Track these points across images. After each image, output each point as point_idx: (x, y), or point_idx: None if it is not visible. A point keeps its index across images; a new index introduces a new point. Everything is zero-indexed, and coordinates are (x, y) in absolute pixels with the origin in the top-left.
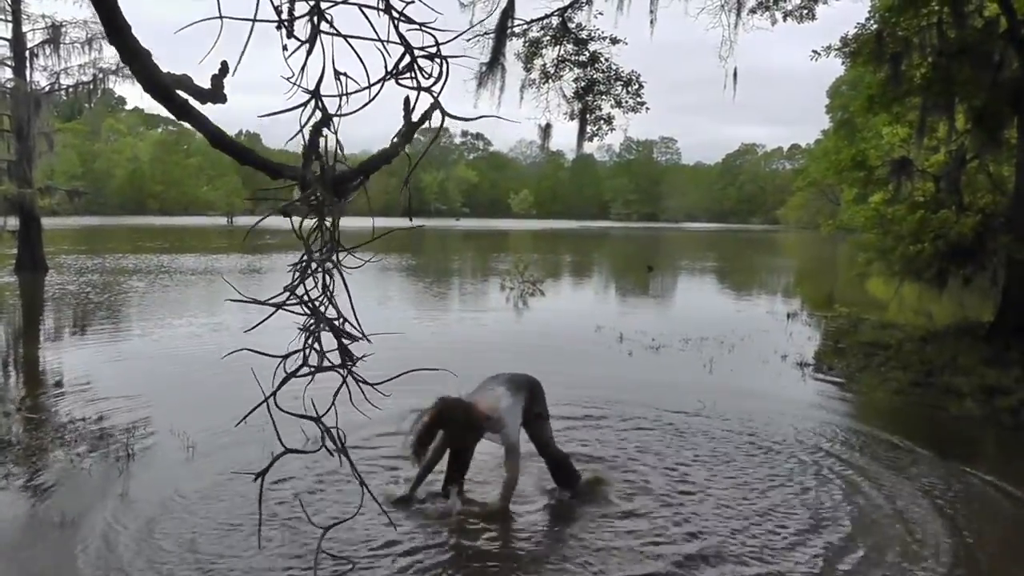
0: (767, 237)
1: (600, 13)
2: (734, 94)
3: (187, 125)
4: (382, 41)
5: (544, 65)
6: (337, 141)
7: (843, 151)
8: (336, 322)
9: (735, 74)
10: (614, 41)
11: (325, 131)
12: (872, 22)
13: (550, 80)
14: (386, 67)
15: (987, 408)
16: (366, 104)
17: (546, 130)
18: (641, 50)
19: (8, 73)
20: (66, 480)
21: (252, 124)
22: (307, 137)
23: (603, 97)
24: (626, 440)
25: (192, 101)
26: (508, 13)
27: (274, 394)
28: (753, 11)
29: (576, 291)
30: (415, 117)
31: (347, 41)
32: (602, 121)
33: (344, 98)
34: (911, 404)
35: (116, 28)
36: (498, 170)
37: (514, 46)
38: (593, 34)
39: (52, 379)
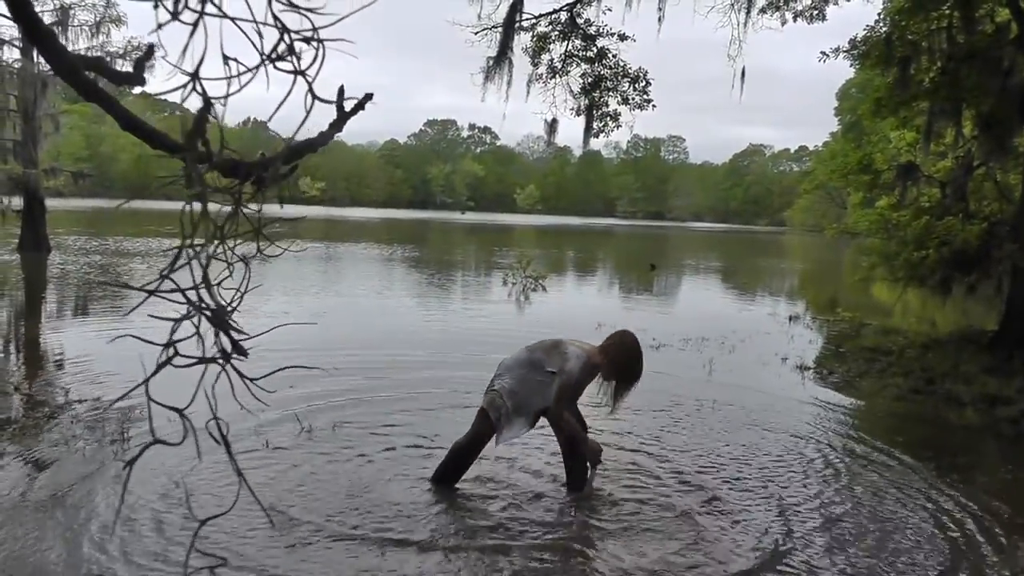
0: (772, 239)
1: (609, 9)
2: (741, 94)
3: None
4: (259, 23)
5: (552, 60)
6: (220, 128)
7: (850, 154)
8: (218, 312)
9: (743, 74)
10: (622, 38)
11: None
12: (882, 25)
13: (557, 75)
14: (261, 51)
15: (988, 417)
16: (243, 87)
17: (552, 125)
18: (649, 48)
19: (15, 54)
20: (60, 460)
21: (260, 112)
22: (193, 121)
23: (610, 93)
24: (625, 437)
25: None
26: (516, 7)
27: (147, 381)
28: (763, 11)
29: (578, 288)
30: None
31: (234, 23)
32: (608, 117)
33: (229, 81)
34: (910, 411)
35: (20, 7)
36: (504, 164)
37: (522, 40)
38: (601, 30)
39: (52, 359)
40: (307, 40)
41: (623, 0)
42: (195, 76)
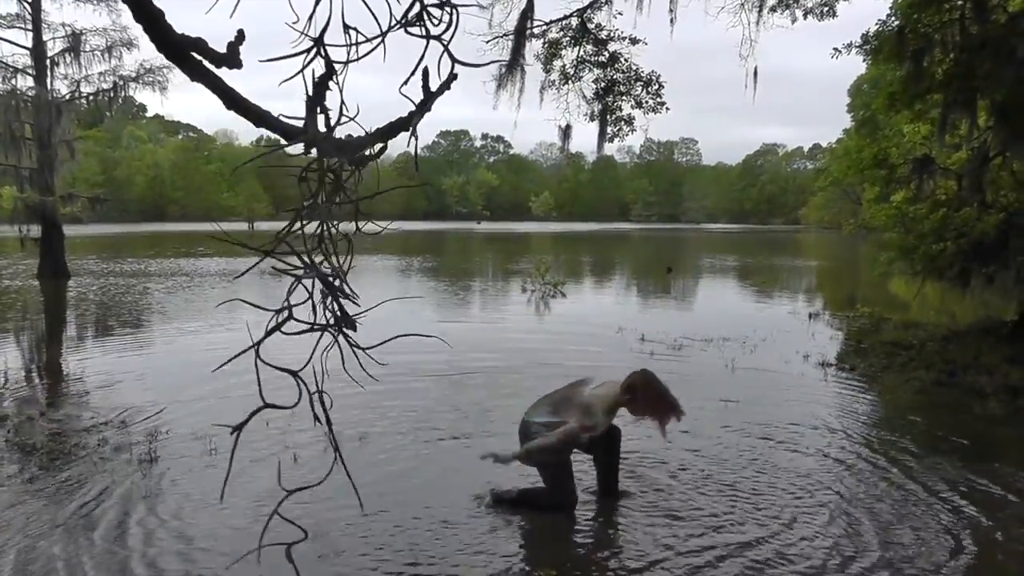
0: (788, 238)
1: (620, 13)
2: (754, 94)
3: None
4: None
5: (564, 66)
6: (342, 98)
7: (864, 150)
8: (331, 279)
9: (755, 74)
10: (634, 41)
11: (331, 84)
12: (893, 19)
13: (570, 81)
14: (391, 17)
15: (1011, 408)
16: (370, 52)
17: (566, 131)
18: (661, 50)
19: (29, 82)
20: (89, 483)
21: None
22: (311, 89)
23: (623, 98)
24: (649, 439)
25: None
26: (527, 14)
27: (258, 344)
28: (773, 9)
29: (597, 293)
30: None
31: None
32: (623, 122)
33: (351, 49)
34: (933, 403)
35: None
36: (518, 172)
37: (533, 47)
38: (613, 34)
39: (75, 384)
40: (440, 4)
41: (634, 4)
42: (319, 41)
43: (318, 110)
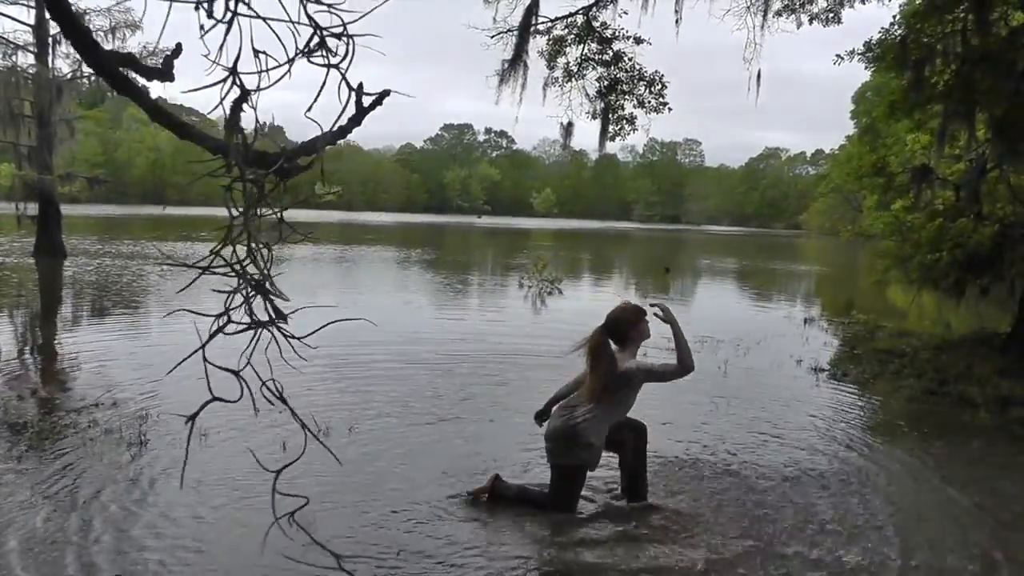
0: (788, 242)
1: (625, 12)
2: (757, 97)
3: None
4: (293, 22)
5: (567, 63)
6: (256, 118)
7: (864, 157)
8: (263, 282)
9: (758, 77)
10: (638, 41)
11: (245, 106)
12: (896, 27)
13: (573, 79)
14: (296, 46)
15: (1000, 419)
16: (279, 79)
17: (568, 129)
18: (666, 51)
19: (30, 59)
20: (77, 464)
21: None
22: (228, 112)
23: (626, 97)
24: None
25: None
26: (532, 10)
27: (203, 347)
28: (779, 14)
29: (594, 291)
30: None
31: (265, 22)
32: (625, 121)
33: (262, 75)
34: (923, 412)
35: (60, 8)
36: (520, 168)
37: (537, 43)
38: (617, 33)
39: (68, 364)
40: (338, 36)
41: (639, 3)
42: (233, 71)
43: (235, 131)
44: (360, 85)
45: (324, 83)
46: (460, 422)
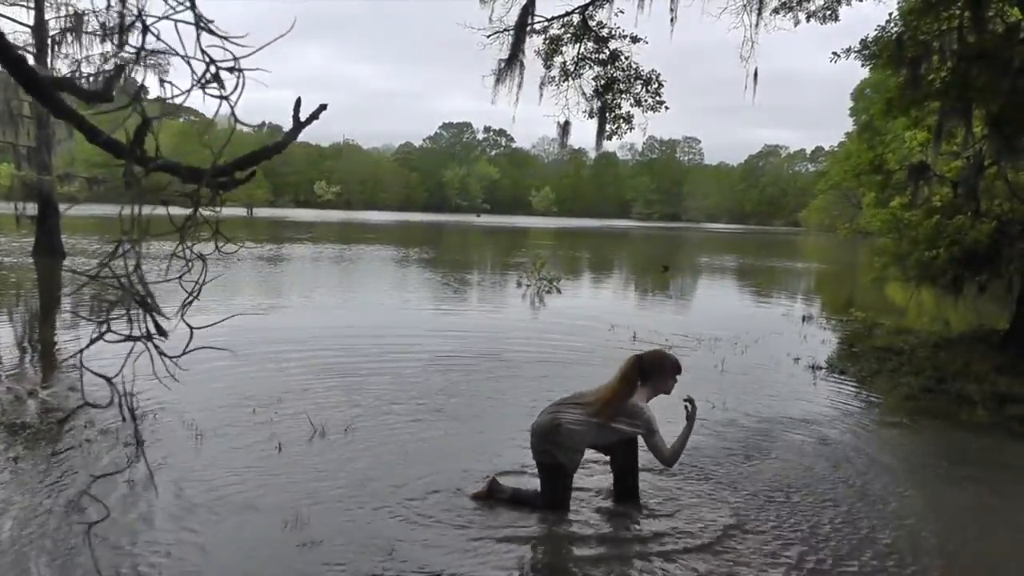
0: (787, 239)
1: (621, 11)
2: (754, 95)
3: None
4: (188, 58)
5: (564, 63)
6: (156, 141)
7: (862, 154)
8: (145, 297)
9: (755, 75)
10: (634, 40)
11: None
12: (893, 25)
13: (570, 78)
14: (192, 75)
15: (998, 416)
16: (178, 108)
17: (565, 128)
18: (663, 49)
19: (30, 60)
20: (72, 464)
21: (278, 117)
22: (131, 135)
23: (622, 96)
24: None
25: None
26: (528, 10)
27: (81, 352)
28: (776, 11)
29: (593, 290)
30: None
31: (165, 55)
32: (621, 120)
33: (164, 103)
34: (921, 410)
35: None
36: (519, 167)
37: (534, 43)
38: (614, 32)
39: (65, 364)
40: (230, 69)
41: (635, 2)
42: (137, 98)
43: (137, 153)
44: (297, 101)
45: (216, 112)
46: (459, 421)
